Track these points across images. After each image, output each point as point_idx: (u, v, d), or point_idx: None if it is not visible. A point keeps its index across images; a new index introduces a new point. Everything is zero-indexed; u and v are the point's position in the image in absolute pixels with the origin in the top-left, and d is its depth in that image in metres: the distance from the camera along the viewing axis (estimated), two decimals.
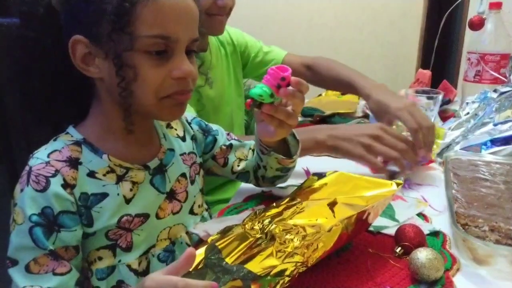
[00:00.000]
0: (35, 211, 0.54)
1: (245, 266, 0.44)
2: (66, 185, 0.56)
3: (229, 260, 0.44)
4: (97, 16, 0.54)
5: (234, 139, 0.82)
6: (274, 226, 0.51)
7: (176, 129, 0.75)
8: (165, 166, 0.68)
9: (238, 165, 0.80)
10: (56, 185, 0.55)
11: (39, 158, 0.57)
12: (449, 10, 1.47)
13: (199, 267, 0.45)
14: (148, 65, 0.55)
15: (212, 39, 1.17)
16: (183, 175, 0.71)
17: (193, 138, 0.77)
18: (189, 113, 0.80)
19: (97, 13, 0.54)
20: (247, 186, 0.87)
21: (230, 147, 0.80)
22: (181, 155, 0.72)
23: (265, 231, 0.50)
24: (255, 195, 0.82)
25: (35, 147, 0.61)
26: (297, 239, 0.48)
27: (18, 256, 0.55)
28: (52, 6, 0.58)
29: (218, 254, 0.45)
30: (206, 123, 0.81)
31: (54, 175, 0.56)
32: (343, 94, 1.64)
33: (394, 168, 0.89)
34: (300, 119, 1.44)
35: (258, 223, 0.52)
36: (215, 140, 0.79)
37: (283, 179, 0.80)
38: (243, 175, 0.81)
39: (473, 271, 0.59)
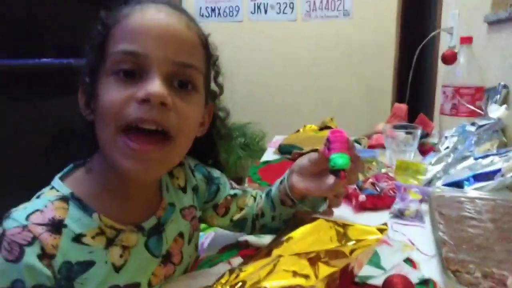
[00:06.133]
0: (3, 285, 0.46)
1: None
2: (43, 256, 0.47)
3: None
4: (89, 53, 0.53)
5: (236, 187, 0.76)
6: None
7: (178, 178, 0.67)
8: (162, 225, 0.61)
9: (238, 214, 0.74)
10: (31, 255, 0.47)
11: (16, 220, 0.48)
12: (421, 44, 1.49)
13: None
14: (112, 87, 0.49)
15: None
16: (181, 234, 0.64)
17: (195, 188, 0.70)
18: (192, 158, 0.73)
19: (90, 51, 0.53)
20: (221, 235, 0.81)
21: (234, 196, 0.74)
22: (181, 210, 0.65)
23: None
24: (230, 246, 0.76)
25: None
26: None
27: None
28: None
29: None
30: (208, 169, 0.74)
31: (30, 244, 0.47)
32: (320, 129, 1.61)
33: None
34: (277, 156, 1.41)
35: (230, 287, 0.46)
36: (218, 189, 0.73)
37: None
38: (240, 223, 0.75)
39: None
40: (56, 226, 0.50)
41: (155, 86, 0.48)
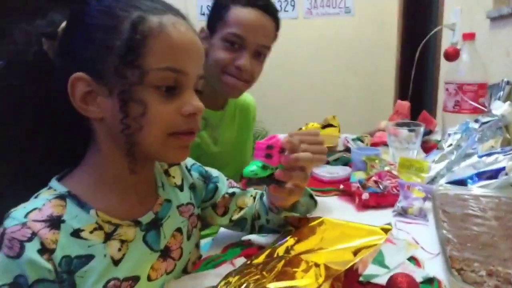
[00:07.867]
0: (6, 281, 0.48)
1: None
2: (43, 250, 0.50)
3: None
4: (103, 51, 0.51)
5: (236, 186, 0.79)
6: None
7: (174, 177, 0.70)
8: (160, 220, 0.62)
9: (238, 213, 0.76)
10: (31, 250, 0.49)
11: (15, 218, 0.51)
12: (423, 41, 1.48)
13: None
14: (157, 100, 0.53)
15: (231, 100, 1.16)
16: (179, 229, 0.65)
17: (192, 186, 0.72)
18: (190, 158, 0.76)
19: (103, 49, 0.51)
20: (224, 235, 0.81)
21: (232, 195, 0.77)
22: (178, 206, 0.67)
23: None
24: (233, 245, 0.76)
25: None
26: None
27: None
28: (42, 53, 0.55)
29: None
30: (206, 169, 0.77)
31: (30, 239, 0.49)
32: (323, 127, 1.61)
33: None
34: None
35: None
36: (216, 188, 0.75)
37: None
38: (240, 223, 0.76)
39: None
40: (55, 222, 0.52)
41: (196, 100, 0.56)
